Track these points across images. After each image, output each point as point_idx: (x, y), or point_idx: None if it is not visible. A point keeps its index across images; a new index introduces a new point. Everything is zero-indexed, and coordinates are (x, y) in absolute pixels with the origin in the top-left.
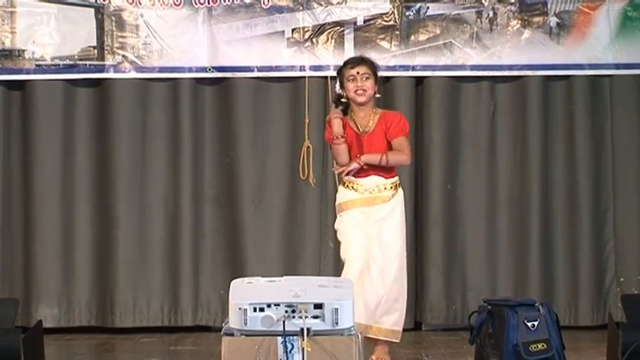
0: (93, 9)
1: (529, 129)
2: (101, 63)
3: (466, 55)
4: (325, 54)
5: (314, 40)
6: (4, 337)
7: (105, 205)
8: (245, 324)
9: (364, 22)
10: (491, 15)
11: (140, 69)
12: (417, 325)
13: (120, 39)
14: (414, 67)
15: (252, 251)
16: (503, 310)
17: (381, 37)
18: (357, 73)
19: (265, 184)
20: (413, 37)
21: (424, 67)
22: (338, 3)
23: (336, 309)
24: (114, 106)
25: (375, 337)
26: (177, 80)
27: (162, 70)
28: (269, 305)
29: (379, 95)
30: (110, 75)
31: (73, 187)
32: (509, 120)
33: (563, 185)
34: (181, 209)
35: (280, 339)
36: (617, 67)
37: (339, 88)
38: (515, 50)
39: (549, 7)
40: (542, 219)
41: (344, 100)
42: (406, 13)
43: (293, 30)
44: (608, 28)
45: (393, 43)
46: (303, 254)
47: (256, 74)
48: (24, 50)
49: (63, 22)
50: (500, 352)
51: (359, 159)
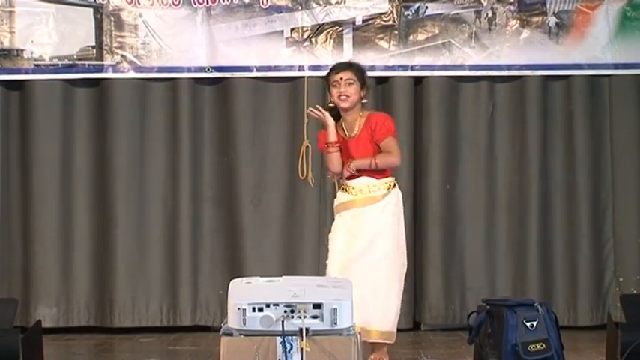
0: (92, 9)
1: (528, 129)
2: (100, 63)
3: (465, 55)
4: (324, 54)
5: (313, 40)
6: (3, 337)
7: (104, 205)
8: (244, 324)
9: (363, 21)
10: (490, 15)
11: (139, 69)
12: (415, 325)
13: (119, 39)
14: (412, 67)
15: (251, 251)
16: (502, 310)
17: (380, 36)
18: (341, 78)
19: (264, 184)
20: (412, 37)
21: (423, 67)
22: (337, 3)
23: (335, 309)
24: (113, 106)
25: (366, 339)
26: (176, 80)
27: (161, 70)
28: (268, 305)
29: (366, 100)
30: (109, 75)
31: (71, 186)
32: (508, 120)
33: (562, 185)
34: (180, 209)
35: (279, 339)
36: (616, 66)
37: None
38: (514, 50)
39: (548, 6)
40: (541, 219)
41: (331, 105)
42: (405, 12)
43: (292, 30)
44: (607, 27)
45: (391, 42)
46: (301, 254)
47: (255, 74)
48: (23, 50)
49: (62, 22)
50: (499, 352)
51: (349, 166)
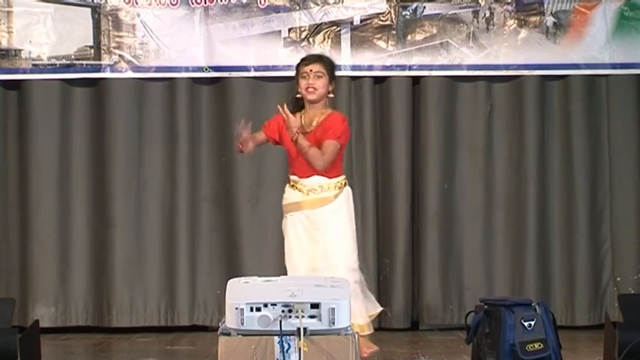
0: (89, 8)
1: (526, 128)
2: (98, 63)
3: (463, 55)
4: None
5: (310, 40)
6: (0, 337)
7: (101, 205)
8: (242, 324)
9: (361, 21)
10: (488, 15)
11: (137, 69)
12: (413, 325)
13: (116, 39)
14: (410, 67)
15: (249, 251)
16: (499, 310)
17: (378, 36)
18: (310, 70)
19: (262, 183)
20: (409, 37)
21: (421, 67)
22: (334, 2)
23: (333, 309)
24: (110, 106)
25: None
26: (174, 80)
27: (158, 70)
28: (266, 305)
29: (332, 95)
30: (107, 75)
31: (69, 186)
32: (505, 120)
33: (559, 185)
34: (178, 209)
35: (277, 339)
36: (614, 66)
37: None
38: (512, 50)
39: (546, 6)
40: (539, 218)
41: (298, 96)
42: (403, 12)
43: (290, 30)
44: (604, 27)
45: (389, 42)
46: None
47: (253, 74)
48: (20, 50)
49: (59, 22)
50: (497, 352)
51: (296, 134)
